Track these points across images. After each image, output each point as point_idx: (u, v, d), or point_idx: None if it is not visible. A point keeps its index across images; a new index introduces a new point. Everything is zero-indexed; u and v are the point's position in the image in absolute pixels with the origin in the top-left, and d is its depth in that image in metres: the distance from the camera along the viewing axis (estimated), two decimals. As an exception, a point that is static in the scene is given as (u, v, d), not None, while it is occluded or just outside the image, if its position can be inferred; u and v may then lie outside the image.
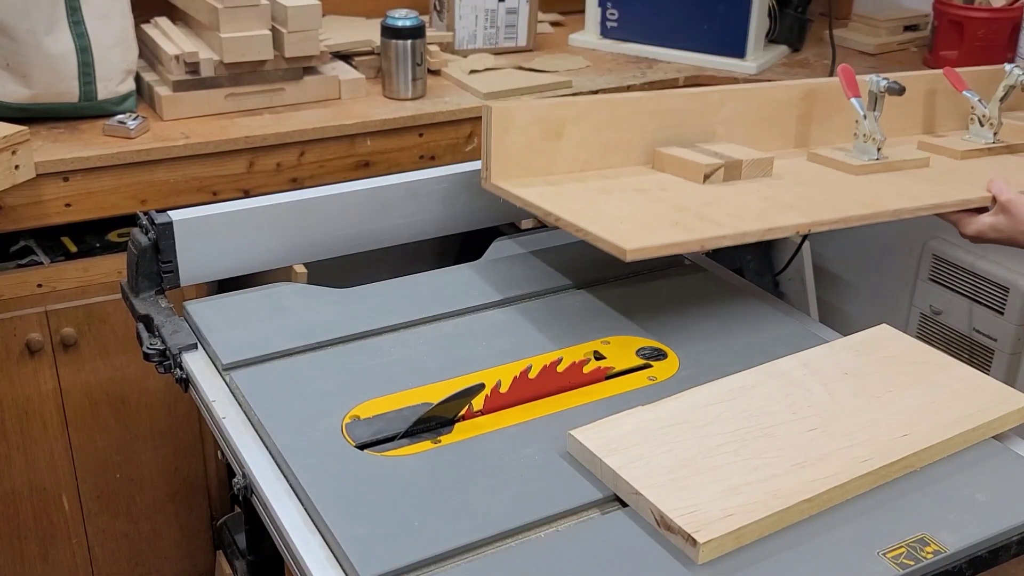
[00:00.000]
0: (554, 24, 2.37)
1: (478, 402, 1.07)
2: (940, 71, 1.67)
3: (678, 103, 1.47)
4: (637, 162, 1.44)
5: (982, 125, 1.61)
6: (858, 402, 1.05)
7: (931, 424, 1.02)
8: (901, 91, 1.45)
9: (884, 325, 1.19)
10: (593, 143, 1.40)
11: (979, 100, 1.60)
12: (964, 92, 1.62)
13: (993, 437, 1.04)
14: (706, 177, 1.36)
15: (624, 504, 0.94)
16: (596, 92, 1.96)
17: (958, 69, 1.70)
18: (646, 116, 1.43)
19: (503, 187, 1.33)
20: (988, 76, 1.77)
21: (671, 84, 2.04)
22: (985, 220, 1.34)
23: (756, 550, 0.89)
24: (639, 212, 1.25)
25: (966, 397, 1.06)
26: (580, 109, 1.38)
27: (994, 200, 1.35)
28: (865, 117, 1.48)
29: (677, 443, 0.98)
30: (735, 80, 2.07)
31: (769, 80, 2.07)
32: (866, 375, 1.09)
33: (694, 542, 0.86)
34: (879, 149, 1.47)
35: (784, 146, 1.57)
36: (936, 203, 1.35)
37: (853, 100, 1.48)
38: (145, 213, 1.31)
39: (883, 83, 1.46)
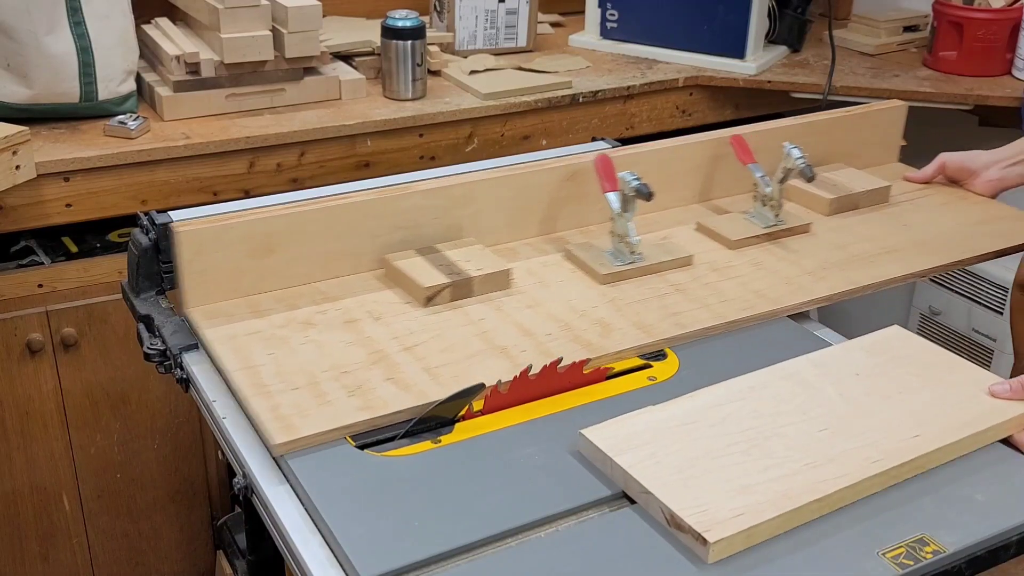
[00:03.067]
0: (554, 25, 2.37)
1: (478, 402, 1.07)
2: (728, 137, 1.51)
3: (415, 201, 1.31)
4: (371, 267, 1.31)
5: (764, 205, 1.45)
6: (869, 403, 1.05)
7: (942, 425, 1.02)
8: (648, 197, 1.27)
9: (896, 326, 1.19)
10: (314, 254, 1.27)
11: (762, 177, 1.44)
12: (749, 166, 1.46)
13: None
14: (429, 300, 1.23)
15: (631, 501, 0.94)
16: (596, 93, 1.96)
17: None
18: (376, 219, 1.29)
19: (195, 320, 1.19)
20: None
21: (671, 84, 2.05)
22: None
23: (755, 550, 0.89)
24: (324, 369, 1.10)
25: (978, 399, 1.06)
26: (293, 221, 1.24)
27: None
28: (620, 215, 1.32)
29: (688, 442, 0.98)
30: (735, 81, 2.07)
31: (768, 81, 2.08)
32: (877, 376, 1.10)
33: (704, 541, 0.86)
34: (633, 252, 1.32)
35: (544, 232, 1.43)
36: (666, 338, 1.19)
37: (609, 195, 1.32)
38: (146, 213, 1.31)
39: (634, 183, 1.28)
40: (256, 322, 1.19)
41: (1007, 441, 1.04)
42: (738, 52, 2.10)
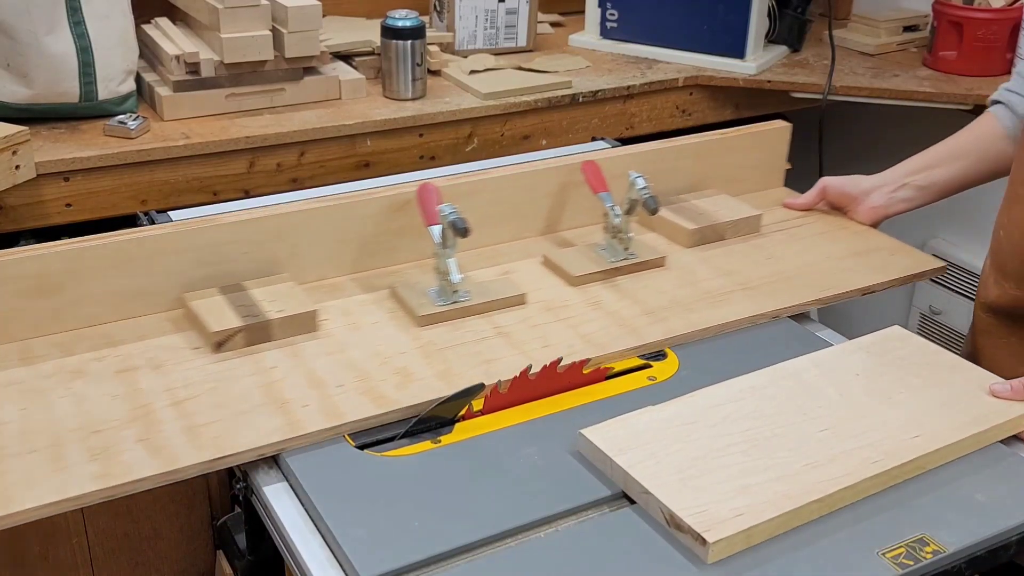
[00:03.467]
0: (554, 25, 2.37)
1: (478, 402, 1.07)
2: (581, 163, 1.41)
3: (221, 234, 1.21)
4: (171, 307, 1.21)
5: (614, 237, 1.35)
6: (869, 403, 1.05)
7: (943, 426, 1.02)
8: (464, 233, 1.17)
9: (896, 326, 1.19)
10: (102, 294, 1.17)
11: (612, 207, 1.33)
12: (600, 195, 1.35)
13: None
14: (219, 346, 1.13)
15: (631, 501, 0.94)
16: (596, 92, 1.96)
17: None
18: (175, 255, 1.19)
19: None
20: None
21: (671, 84, 2.05)
22: None
23: (755, 550, 0.89)
24: (73, 428, 1.00)
25: (978, 399, 1.06)
26: (73, 258, 1.14)
27: None
28: (441, 251, 1.21)
29: (688, 442, 0.98)
30: (735, 81, 2.07)
31: (768, 81, 2.07)
32: (878, 376, 1.10)
33: (704, 542, 0.86)
34: (455, 291, 1.22)
35: (377, 265, 1.32)
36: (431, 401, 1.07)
37: (432, 229, 1.21)
38: (145, 213, 1.32)
39: (451, 217, 1.19)
40: (20, 371, 1.09)
41: (1007, 441, 1.04)
42: (738, 52, 2.10)
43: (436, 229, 1.21)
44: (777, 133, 1.59)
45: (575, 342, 1.18)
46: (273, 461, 1.00)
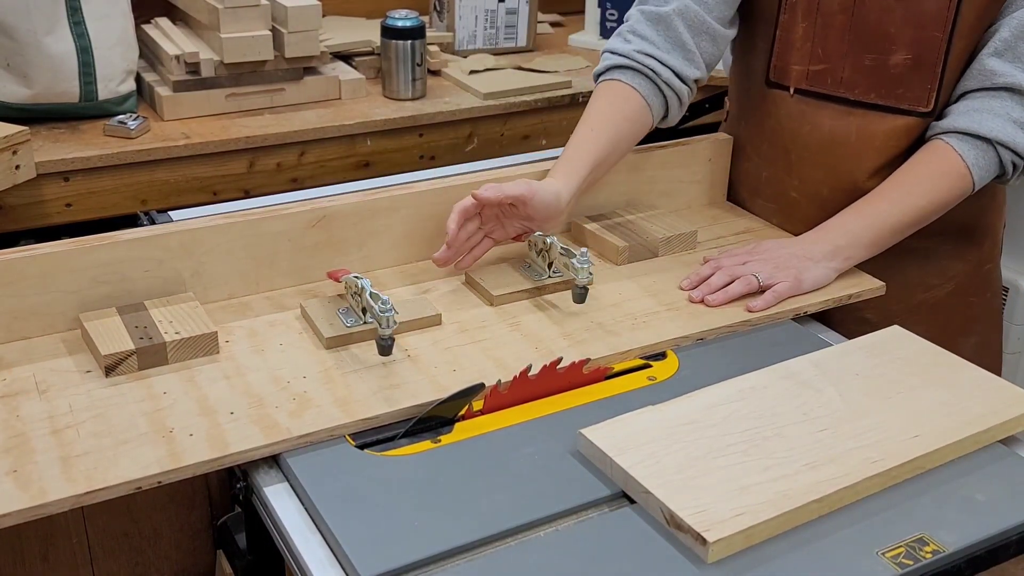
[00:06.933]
0: (554, 25, 2.38)
1: (478, 402, 1.07)
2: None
3: (119, 252, 1.15)
4: (68, 327, 1.15)
5: (539, 255, 1.29)
6: (869, 403, 1.05)
7: (942, 426, 1.02)
8: None
9: (896, 327, 1.19)
10: None
11: None
12: None
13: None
14: (111, 370, 1.07)
15: (631, 501, 0.94)
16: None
17: None
18: (71, 273, 1.13)
19: None
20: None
21: (671, 84, 2.04)
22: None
23: (755, 550, 0.89)
24: None
25: (978, 399, 1.06)
26: None
27: None
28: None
29: (688, 442, 0.98)
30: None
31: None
32: (877, 376, 1.10)
33: (704, 541, 0.86)
34: (365, 311, 1.15)
35: (295, 283, 1.26)
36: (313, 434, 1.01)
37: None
38: (145, 213, 1.32)
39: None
40: None
41: (1007, 441, 1.04)
42: (738, 52, 2.10)
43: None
44: (718, 146, 1.50)
45: (486, 366, 1.12)
46: (273, 461, 1.01)
